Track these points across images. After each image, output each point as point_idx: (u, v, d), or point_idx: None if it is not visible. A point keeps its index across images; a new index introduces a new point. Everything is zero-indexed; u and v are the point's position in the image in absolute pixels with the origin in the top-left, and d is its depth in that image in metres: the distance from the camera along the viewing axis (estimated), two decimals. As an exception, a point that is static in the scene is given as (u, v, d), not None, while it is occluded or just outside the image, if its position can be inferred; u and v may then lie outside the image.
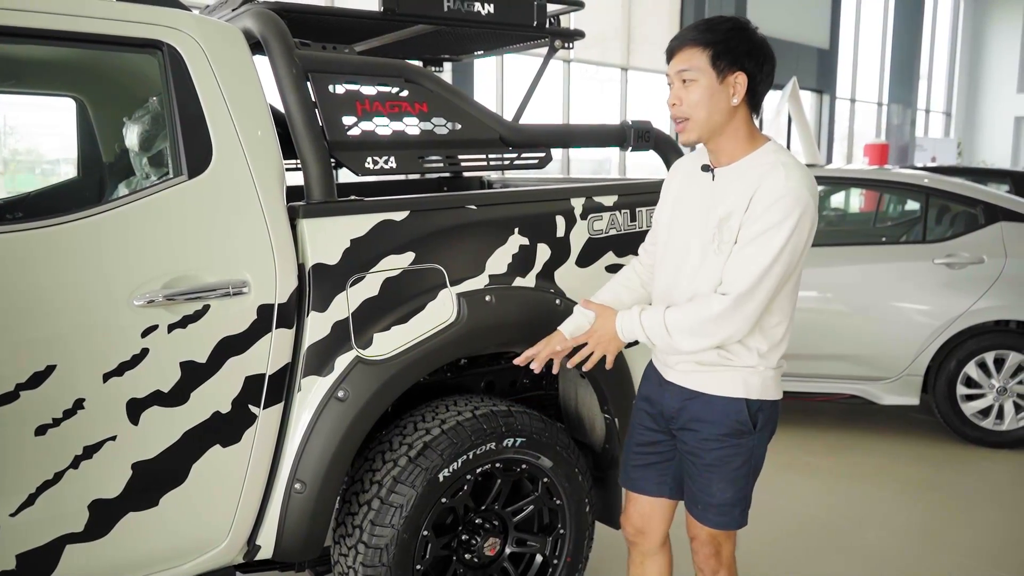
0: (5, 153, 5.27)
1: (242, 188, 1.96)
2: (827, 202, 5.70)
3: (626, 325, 1.88)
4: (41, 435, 1.72)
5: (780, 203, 1.69)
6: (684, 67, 1.76)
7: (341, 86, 2.22)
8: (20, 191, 3.35)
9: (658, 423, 2.00)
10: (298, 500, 2.04)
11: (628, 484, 2.10)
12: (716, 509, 1.91)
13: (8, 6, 1.73)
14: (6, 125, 4.92)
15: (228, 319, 1.91)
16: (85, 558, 1.80)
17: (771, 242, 1.69)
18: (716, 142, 1.81)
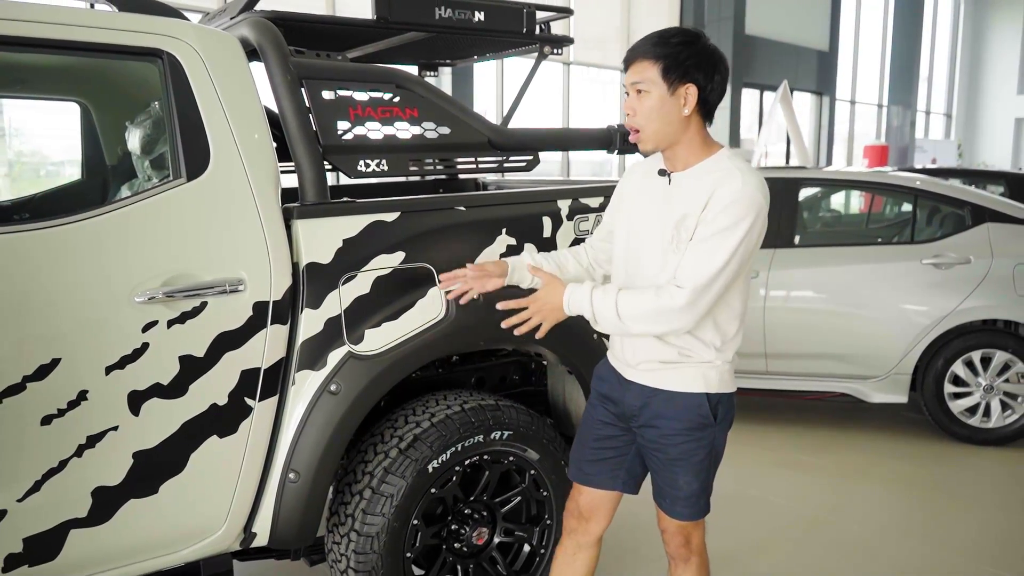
0: (10, 155, 5.38)
1: (238, 190, 2.05)
2: (822, 204, 5.78)
3: (575, 299, 1.93)
4: (47, 425, 1.80)
5: (736, 206, 1.76)
6: (637, 79, 1.84)
7: (334, 92, 2.30)
8: (26, 193, 3.44)
9: (617, 420, 2.06)
10: (292, 489, 2.13)
11: (581, 479, 2.14)
12: (684, 501, 1.98)
13: (19, 18, 1.82)
14: (12, 128, 5.02)
15: (225, 315, 2.00)
16: (88, 543, 1.89)
17: (726, 242, 1.76)
18: (672, 150, 1.89)
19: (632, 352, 1.98)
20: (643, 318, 1.83)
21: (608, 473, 2.09)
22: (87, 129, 3.11)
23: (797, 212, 4.84)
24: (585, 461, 2.12)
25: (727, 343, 1.93)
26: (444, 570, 2.46)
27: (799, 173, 4.96)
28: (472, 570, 2.50)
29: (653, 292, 1.83)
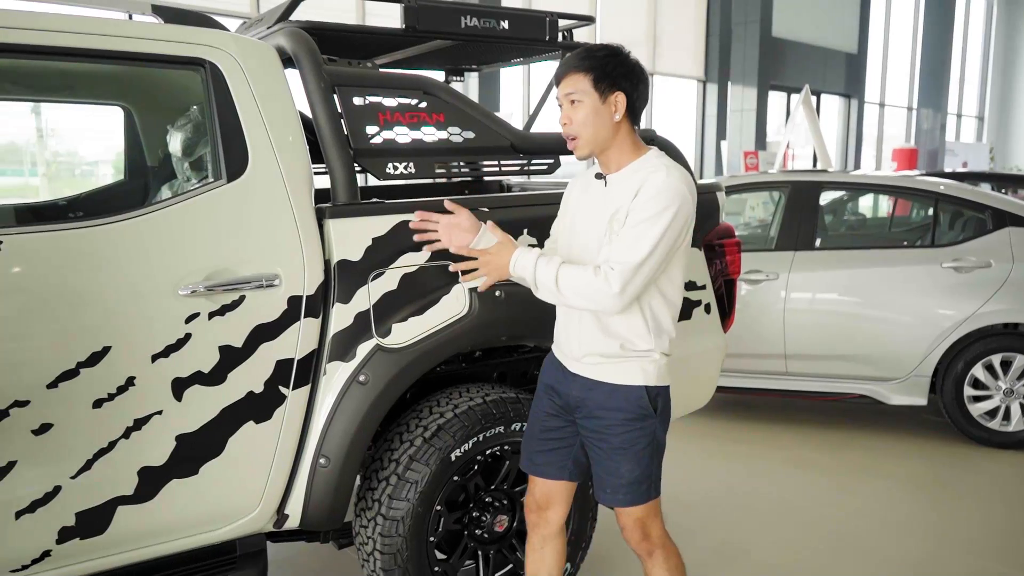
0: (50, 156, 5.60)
1: (275, 191, 2.18)
2: (843, 207, 5.83)
3: (521, 261, 2.04)
4: (98, 408, 1.94)
5: (661, 195, 1.91)
6: (570, 90, 1.98)
7: (365, 98, 2.43)
8: (71, 193, 3.60)
9: (561, 411, 2.17)
10: (323, 474, 2.25)
11: (532, 469, 2.25)
12: (625, 488, 2.07)
13: (75, 30, 1.96)
14: (51, 130, 5.24)
15: (261, 308, 2.13)
16: (134, 519, 2.03)
17: (652, 229, 1.90)
18: (605, 154, 2.04)
19: (577, 345, 2.08)
20: (578, 292, 1.95)
21: (556, 463, 2.20)
22: (130, 132, 3.26)
23: (818, 215, 4.90)
24: (535, 452, 2.23)
25: (662, 333, 2.06)
26: (465, 555, 2.57)
27: (820, 176, 5.01)
28: (492, 556, 2.61)
29: (592, 270, 1.94)
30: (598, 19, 11.86)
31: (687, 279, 2.92)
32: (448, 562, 2.51)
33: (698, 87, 13.70)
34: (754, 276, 4.72)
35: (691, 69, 13.51)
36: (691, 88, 13.68)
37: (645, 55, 12.72)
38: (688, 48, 13.41)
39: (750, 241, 5.59)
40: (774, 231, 4.97)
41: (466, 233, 2.23)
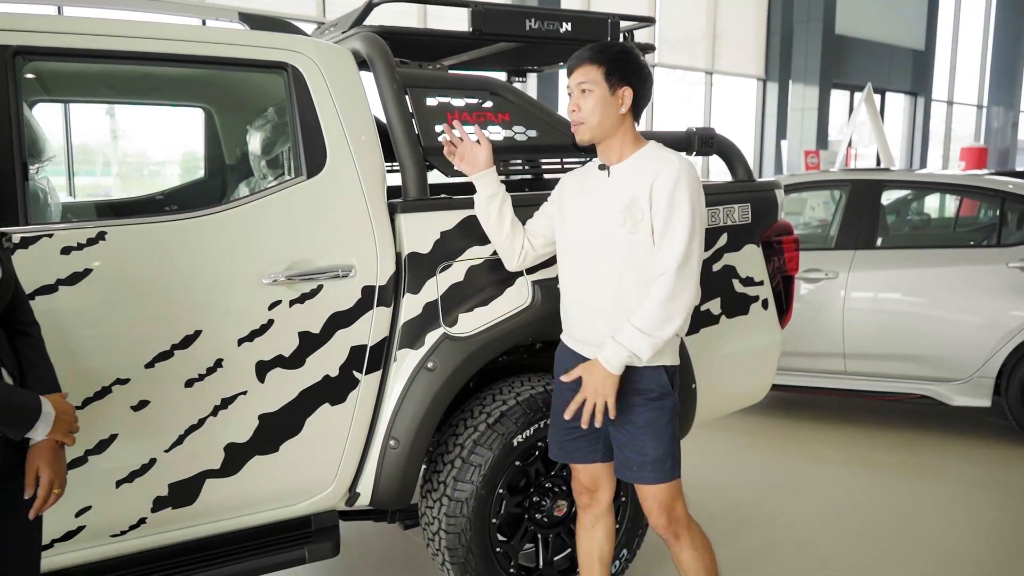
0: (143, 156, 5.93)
1: (350, 186, 2.31)
2: (905, 206, 5.76)
3: (611, 357, 2.05)
4: (189, 387, 2.10)
5: (678, 186, 2.03)
6: (582, 80, 2.11)
7: (435, 99, 2.55)
8: (156, 189, 3.81)
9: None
10: (392, 455, 2.38)
11: (564, 457, 2.34)
12: (651, 466, 2.15)
13: (172, 37, 2.12)
14: (144, 132, 5.55)
15: (338, 297, 2.26)
16: (220, 491, 2.18)
17: (682, 218, 2.02)
18: (607, 143, 2.15)
19: (596, 334, 2.15)
20: (662, 319, 2.02)
21: (588, 448, 2.29)
22: (210, 132, 3.45)
23: (879, 214, 4.86)
24: (564, 441, 2.31)
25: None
26: (525, 539, 2.66)
27: (881, 175, 4.98)
28: (551, 540, 2.70)
29: (649, 297, 2.03)
30: (657, 18, 11.85)
31: (745, 275, 2.99)
32: (509, 544, 2.61)
33: (758, 86, 13.56)
34: (813, 275, 4.71)
35: (751, 68, 13.38)
36: (750, 87, 13.55)
37: (704, 54, 12.65)
38: (749, 47, 13.28)
39: (810, 240, 5.56)
40: (834, 230, 4.95)
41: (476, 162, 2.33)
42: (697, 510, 2.97)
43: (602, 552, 2.43)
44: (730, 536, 3.35)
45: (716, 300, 2.91)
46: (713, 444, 4.54)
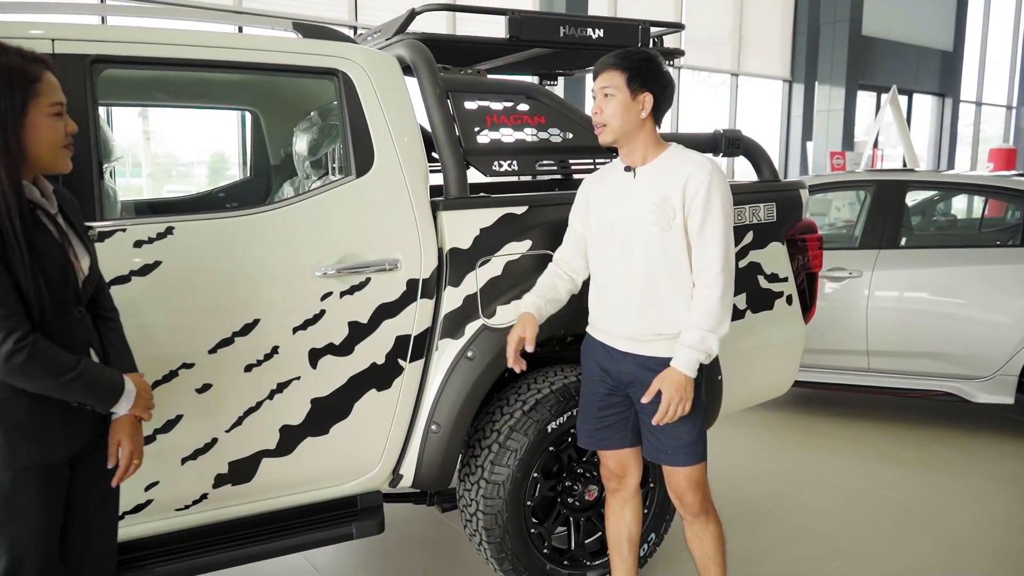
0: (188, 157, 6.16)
1: (396, 185, 2.46)
2: (928, 206, 5.81)
3: (688, 361, 2.17)
4: (248, 372, 2.25)
5: (711, 188, 2.17)
6: (605, 85, 2.22)
7: (475, 102, 2.69)
8: (208, 187, 3.99)
9: (614, 389, 2.36)
10: (434, 438, 2.52)
11: (594, 445, 2.46)
12: (685, 449, 2.29)
13: (231, 45, 2.28)
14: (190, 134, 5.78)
15: (384, 289, 2.41)
16: (276, 470, 2.33)
17: (718, 216, 2.18)
18: (630, 146, 2.27)
19: (632, 328, 2.27)
20: (720, 317, 2.17)
21: (617, 435, 2.41)
22: (256, 134, 3.62)
23: (903, 214, 4.93)
24: (593, 430, 2.43)
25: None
26: (558, 521, 2.79)
27: (905, 176, 5.05)
28: (583, 523, 2.83)
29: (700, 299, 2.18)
30: (683, 20, 11.93)
31: (770, 272, 3.10)
32: (543, 526, 2.74)
33: (784, 87, 13.58)
34: (837, 274, 4.80)
35: (777, 69, 13.40)
36: (776, 88, 13.57)
37: (730, 56, 12.70)
38: (774, 48, 13.31)
39: (835, 240, 5.64)
40: (858, 230, 5.03)
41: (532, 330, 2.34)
42: (718, 499, 3.08)
43: (630, 533, 2.56)
44: (750, 526, 3.46)
45: (742, 295, 3.02)
46: (737, 438, 4.64)
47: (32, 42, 1.99)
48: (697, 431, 2.31)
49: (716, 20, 12.51)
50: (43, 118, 1.60)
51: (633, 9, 11.24)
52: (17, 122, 1.56)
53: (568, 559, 2.79)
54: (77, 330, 1.69)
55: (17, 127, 1.56)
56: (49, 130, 1.61)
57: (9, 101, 1.55)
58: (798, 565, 3.13)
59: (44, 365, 1.55)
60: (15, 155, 1.56)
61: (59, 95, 1.64)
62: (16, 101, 1.56)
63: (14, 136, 1.56)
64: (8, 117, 1.55)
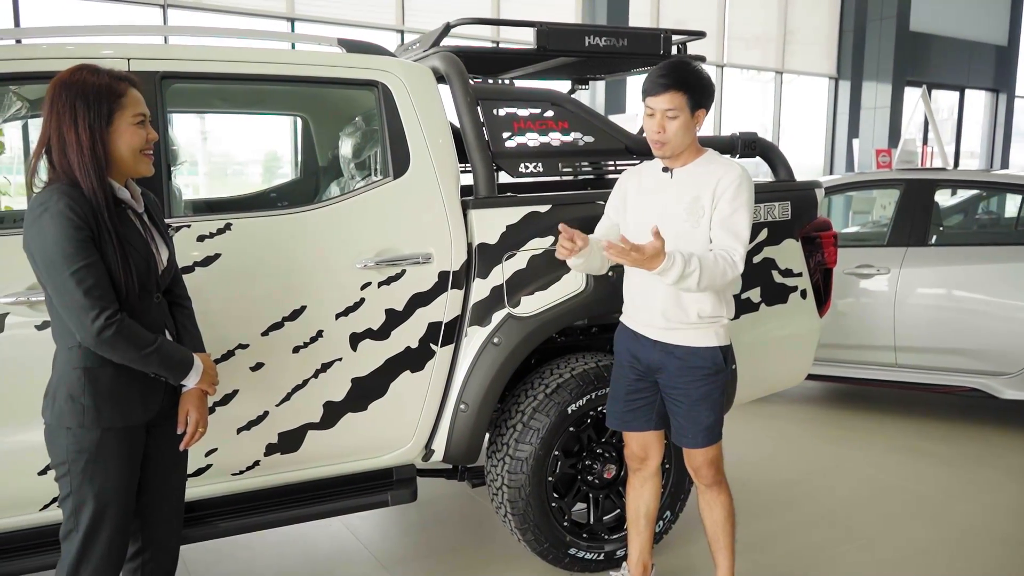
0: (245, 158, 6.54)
1: (430, 186, 2.70)
2: (958, 204, 5.86)
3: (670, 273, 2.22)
4: (296, 353, 2.52)
5: (742, 186, 2.37)
6: (669, 107, 2.35)
7: (503, 109, 2.91)
8: (261, 187, 4.30)
9: (643, 375, 2.55)
10: (463, 417, 2.76)
11: (621, 426, 2.66)
12: (704, 432, 2.49)
13: (285, 61, 2.55)
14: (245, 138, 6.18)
15: (418, 280, 2.65)
16: (320, 441, 2.59)
17: (744, 214, 2.37)
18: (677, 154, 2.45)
19: (660, 316, 2.46)
20: (716, 277, 2.31)
21: (643, 418, 2.61)
22: (306, 138, 3.90)
23: (931, 212, 5.01)
24: (622, 412, 2.63)
25: (730, 306, 2.50)
26: (578, 497, 3.01)
27: (934, 175, 5.13)
28: (602, 500, 3.04)
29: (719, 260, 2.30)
30: (727, 18, 11.98)
31: (785, 267, 3.27)
32: (563, 500, 2.96)
33: (829, 84, 13.51)
34: (865, 270, 4.90)
35: (823, 67, 13.34)
36: (822, 85, 13.50)
37: (774, 53, 12.69)
38: (820, 45, 13.25)
39: (868, 238, 5.75)
40: (888, 227, 5.13)
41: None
42: (740, 486, 3.25)
43: (648, 510, 2.76)
44: (767, 511, 3.63)
45: (756, 289, 3.20)
46: (762, 430, 4.80)
47: (109, 61, 2.30)
48: (715, 416, 2.50)
49: (761, 18, 12.50)
50: (127, 127, 1.88)
51: (675, 6, 11.34)
52: (104, 130, 1.84)
53: (587, 533, 3.01)
54: (155, 313, 1.97)
55: (104, 135, 1.84)
56: (132, 137, 1.89)
57: (97, 113, 1.83)
58: (810, 548, 3.29)
59: (128, 340, 1.82)
60: (101, 159, 1.84)
61: (142, 107, 1.92)
62: (103, 113, 1.84)
63: (101, 143, 1.84)
64: (96, 126, 1.83)
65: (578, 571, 3.00)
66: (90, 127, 1.81)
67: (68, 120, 1.80)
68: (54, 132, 1.81)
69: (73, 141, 1.80)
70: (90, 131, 1.81)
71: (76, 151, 1.80)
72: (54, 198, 1.77)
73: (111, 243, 1.82)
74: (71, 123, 1.80)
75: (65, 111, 1.80)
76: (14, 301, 2.18)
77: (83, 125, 1.80)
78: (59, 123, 1.81)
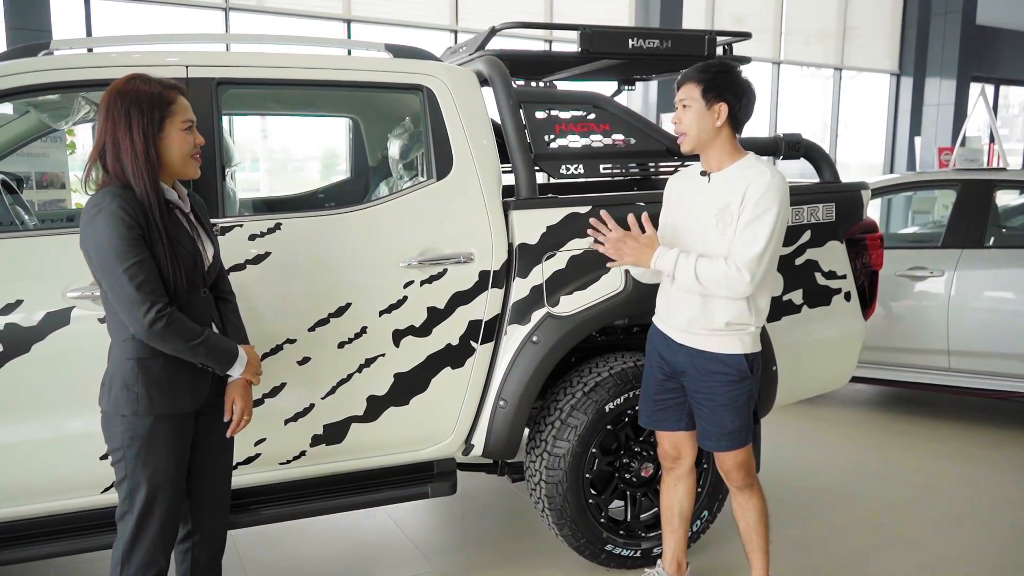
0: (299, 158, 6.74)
1: (472, 187, 2.77)
2: (1018, 206, 5.68)
3: (663, 259, 2.38)
4: (341, 348, 2.61)
5: (768, 194, 2.31)
6: (683, 97, 2.41)
7: (545, 112, 2.97)
8: (312, 187, 4.43)
9: (670, 376, 2.56)
10: (501, 413, 2.82)
11: (653, 425, 2.69)
12: (728, 436, 2.50)
13: (335, 67, 2.65)
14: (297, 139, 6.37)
15: (459, 279, 2.72)
16: (363, 434, 2.69)
17: (765, 224, 2.30)
18: (707, 153, 2.45)
19: (686, 321, 2.47)
20: (716, 281, 2.33)
21: (673, 418, 2.63)
22: (356, 139, 4.01)
23: (988, 214, 4.89)
24: (652, 411, 2.66)
25: (760, 311, 2.46)
26: (615, 494, 3.05)
27: (992, 175, 5.00)
28: (639, 498, 3.08)
29: (724, 262, 2.32)
30: (784, 13, 11.79)
31: (828, 269, 3.26)
32: (600, 497, 3.00)
33: (891, 81, 13.18)
34: (918, 272, 4.81)
35: (884, 63, 13.02)
36: (883, 82, 13.18)
37: (834, 49, 12.45)
38: (882, 41, 12.94)
39: (922, 240, 5.63)
40: (943, 229, 5.02)
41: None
42: (782, 488, 3.24)
43: (682, 508, 2.79)
44: (807, 513, 3.61)
45: (798, 291, 3.19)
46: (809, 432, 4.75)
47: (168, 69, 2.42)
48: (740, 420, 2.51)
49: (820, 13, 12.27)
50: (176, 133, 1.99)
51: (731, 5, 11.21)
52: (156, 136, 1.96)
53: (624, 530, 3.04)
54: (202, 307, 2.08)
55: (156, 140, 1.96)
56: (182, 143, 2.00)
57: (150, 120, 1.95)
58: (854, 550, 3.27)
59: (177, 331, 1.94)
60: (154, 163, 1.96)
61: (189, 114, 2.03)
62: (155, 119, 1.95)
63: (153, 147, 1.95)
64: (149, 132, 1.95)
65: (615, 567, 3.04)
66: (144, 133, 1.94)
67: (123, 127, 1.93)
68: (109, 138, 1.94)
69: (128, 146, 1.92)
70: (144, 137, 1.94)
71: (130, 155, 1.92)
72: (107, 199, 1.90)
73: (161, 241, 1.93)
74: (126, 129, 1.93)
75: (120, 118, 1.93)
76: (79, 295, 2.31)
77: (137, 131, 1.93)
78: (114, 129, 1.93)
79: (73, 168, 5.51)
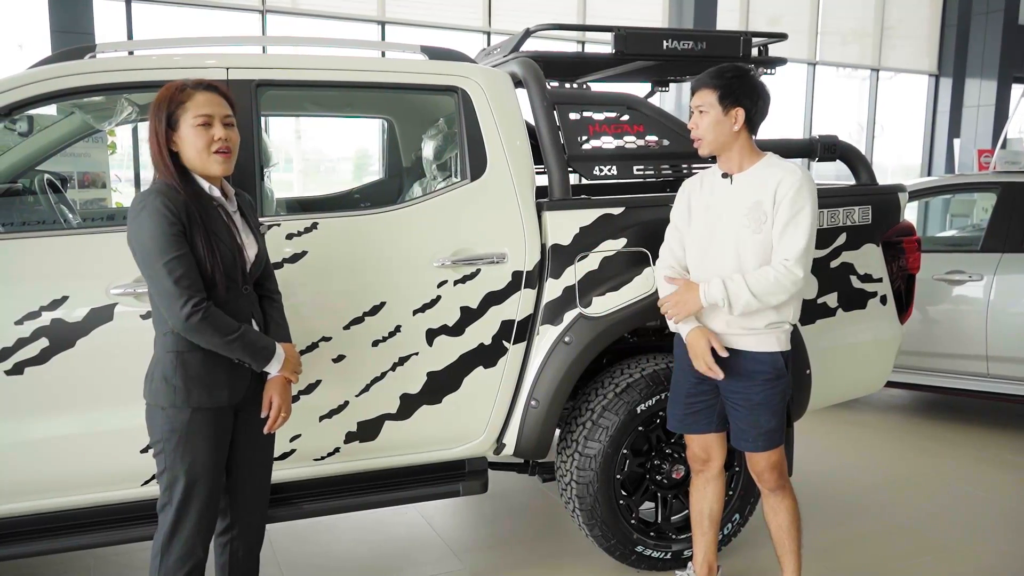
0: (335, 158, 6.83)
1: (505, 188, 2.78)
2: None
3: (710, 292, 2.39)
4: (375, 347, 2.64)
5: (801, 191, 2.35)
6: (699, 103, 2.43)
7: (578, 113, 2.97)
8: (347, 186, 4.48)
9: (703, 377, 2.52)
10: (533, 413, 2.83)
11: (682, 428, 2.68)
12: (764, 436, 2.49)
13: (371, 68, 2.68)
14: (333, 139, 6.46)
15: (492, 279, 2.74)
16: (396, 431, 2.71)
17: (805, 219, 2.34)
18: (726, 156, 2.47)
19: (724, 322, 2.46)
20: (772, 292, 2.34)
21: (704, 421, 2.63)
22: (391, 139, 4.05)
23: (1030, 217, 4.80)
24: (682, 415, 2.65)
25: (796, 309, 2.48)
26: (645, 496, 3.05)
27: (1035, 178, 4.91)
28: (670, 500, 3.07)
29: (770, 270, 2.33)
30: (820, 13, 11.66)
31: (864, 272, 3.22)
32: (631, 499, 3.00)
33: (929, 82, 12.98)
34: (957, 276, 4.74)
35: (923, 63, 12.82)
36: (921, 83, 12.98)
37: (871, 50, 12.28)
38: (920, 41, 12.75)
39: (960, 243, 5.54)
40: (982, 233, 4.94)
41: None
42: (816, 493, 3.21)
43: (711, 511, 2.78)
44: (840, 518, 3.58)
45: (833, 294, 3.16)
46: (845, 437, 4.70)
47: (209, 71, 2.47)
48: (776, 421, 2.50)
49: (857, 13, 12.11)
50: (189, 129, 2.04)
51: (767, 5, 11.11)
52: (166, 133, 2.02)
53: (654, 531, 3.04)
54: (242, 304, 2.12)
55: (166, 137, 2.02)
56: (196, 138, 2.04)
57: (160, 119, 2.02)
58: (887, 556, 3.23)
59: (213, 326, 1.98)
60: (168, 160, 2.03)
61: (205, 109, 2.04)
62: (164, 118, 2.02)
63: (166, 147, 2.02)
64: (160, 130, 2.03)
65: (645, 569, 3.04)
66: (156, 132, 2.03)
67: (151, 130, 2.04)
68: (149, 141, 2.06)
69: (152, 146, 2.04)
70: (157, 136, 2.03)
71: (154, 156, 2.04)
72: (151, 196, 1.96)
73: (200, 237, 1.98)
74: (152, 132, 2.04)
75: (151, 123, 2.04)
76: (122, 292, 2.37)
77: (153, 132, 2.04)
78: (149, 133, 2.06)
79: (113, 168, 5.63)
